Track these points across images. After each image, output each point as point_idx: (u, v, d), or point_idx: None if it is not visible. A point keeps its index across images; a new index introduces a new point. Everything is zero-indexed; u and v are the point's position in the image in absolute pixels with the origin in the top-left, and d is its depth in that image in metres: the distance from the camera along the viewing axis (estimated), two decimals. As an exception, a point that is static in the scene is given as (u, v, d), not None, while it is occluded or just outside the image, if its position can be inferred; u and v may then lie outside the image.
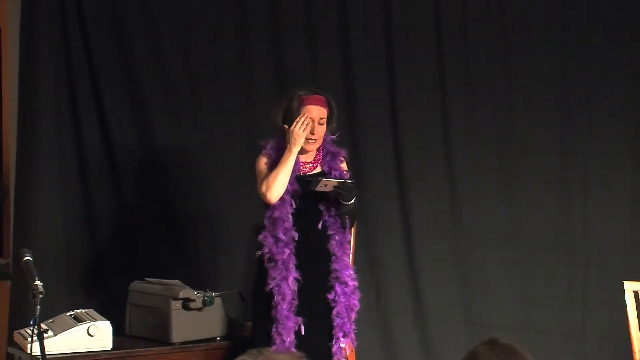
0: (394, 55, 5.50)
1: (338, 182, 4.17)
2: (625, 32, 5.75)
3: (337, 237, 4.26)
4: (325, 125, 4.27)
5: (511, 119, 5.67)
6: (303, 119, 4.15)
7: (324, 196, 4.23)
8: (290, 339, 4.10)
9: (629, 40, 5.75)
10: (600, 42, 5.71)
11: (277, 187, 4.15)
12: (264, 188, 4.17)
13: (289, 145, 4.16)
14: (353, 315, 4.27)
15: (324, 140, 4.31)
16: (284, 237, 4.17)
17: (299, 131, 4.14)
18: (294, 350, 3.99)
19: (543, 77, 5.68)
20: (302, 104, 4.22)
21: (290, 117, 4.23)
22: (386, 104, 5.53)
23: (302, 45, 5.41)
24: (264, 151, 4.28)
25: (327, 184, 4.17)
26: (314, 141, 4.25)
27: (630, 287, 4.46)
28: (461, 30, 5.60)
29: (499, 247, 5.60)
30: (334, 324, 4.21)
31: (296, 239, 4.18)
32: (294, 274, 4.16)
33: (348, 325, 4.24)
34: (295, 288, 4.16)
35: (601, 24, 5.72)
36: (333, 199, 4.23)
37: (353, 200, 4.22)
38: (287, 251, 4.16)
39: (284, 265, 4.16)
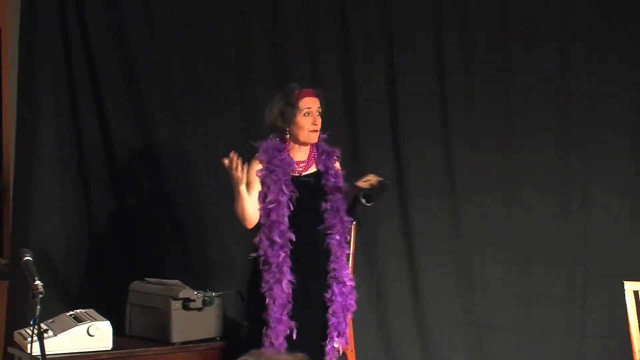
0: (394, 55, 5.50)
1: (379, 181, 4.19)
2: (625, 32, 5.75)
3: (337, 237, 4.26)
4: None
5: (511, 119, 5.66)
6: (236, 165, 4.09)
7: (323, 196, 4.22)
8: (278, 342, 4.09)
9: (629, 41, 5.74)
10: (600, 43, 5.70)
11: (245, 219, 4.18)
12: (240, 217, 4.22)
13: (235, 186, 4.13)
14: (349, 316, 4.27)
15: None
16: (279, 240, 4.16)
17: (239, 175, 4.09)
18: (294, 352, 3.98)
19: (543, 77, 5.67)
20: (297, 98, 4.23)
21: (289, 113, 4.24)
22: (386, 104, 5.53)
23: (302, 45, 5.41)
24: (256, 155, 4.28)
25: (371, 179, 4.18)
26: (316, 132, 4.26)
27: (630, 287, 4.45)
28: (461, 30, 5.60)
29: (499, 247, 5.59)
30: (329, 323, 4.21)
31: (293, 239, 4.18)
32: (288, 277, 4.15)
33: (343, 325, 4.24)
34: (290, 291, 4.15)
35: (601, 24, 5.71)
36: (351, 196, 4.21)
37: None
38: (282, 254, 4.15)
39: (278, 269, 4.15)
